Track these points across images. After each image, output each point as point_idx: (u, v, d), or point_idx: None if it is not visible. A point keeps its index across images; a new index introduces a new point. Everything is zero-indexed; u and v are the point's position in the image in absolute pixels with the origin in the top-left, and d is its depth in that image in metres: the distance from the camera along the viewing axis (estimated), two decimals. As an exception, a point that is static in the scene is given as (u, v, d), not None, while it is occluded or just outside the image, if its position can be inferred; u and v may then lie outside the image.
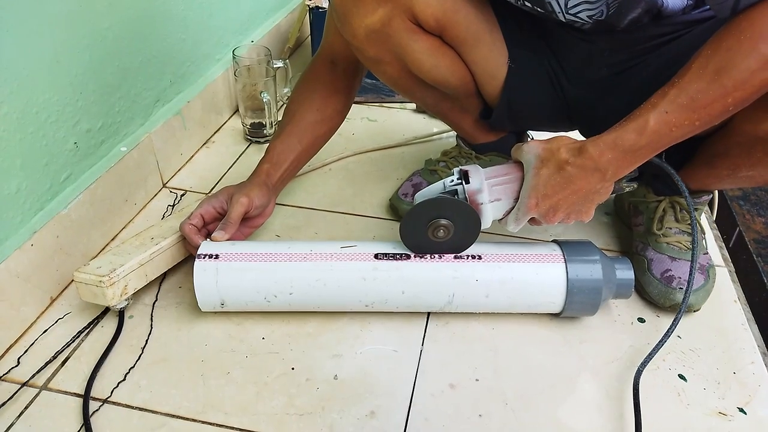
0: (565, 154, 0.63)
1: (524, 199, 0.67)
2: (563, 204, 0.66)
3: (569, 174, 0.63)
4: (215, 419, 0.66)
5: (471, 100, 0.86)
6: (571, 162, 0.63)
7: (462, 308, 0.75)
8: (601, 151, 0.62)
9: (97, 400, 0.68)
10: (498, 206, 0.70)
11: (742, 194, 1.24)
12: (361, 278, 0.72)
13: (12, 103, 0.71)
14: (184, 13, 1.04)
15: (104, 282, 0.71)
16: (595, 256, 0.73)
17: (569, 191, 0.64)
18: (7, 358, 0.72)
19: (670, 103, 0.59)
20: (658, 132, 0.60)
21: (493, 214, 0.70)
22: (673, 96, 0.59)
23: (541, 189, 0.65)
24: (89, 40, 0.82)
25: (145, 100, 0.97)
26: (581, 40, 0.76)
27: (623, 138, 0.61)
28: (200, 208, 0.79)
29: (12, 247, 0.72)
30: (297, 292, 0.73)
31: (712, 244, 0.93)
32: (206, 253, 0.73)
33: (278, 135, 0.86)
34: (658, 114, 0.59)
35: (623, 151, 0.61)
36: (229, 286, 0.72)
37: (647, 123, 0.60)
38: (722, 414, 0.68)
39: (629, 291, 0.75)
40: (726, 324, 0.79)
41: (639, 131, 0.60)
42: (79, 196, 0.82)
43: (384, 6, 0.70)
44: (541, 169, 0.65)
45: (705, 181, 0.80)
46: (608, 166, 0.62)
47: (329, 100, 0.88)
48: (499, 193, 0.69)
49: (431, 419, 0.67)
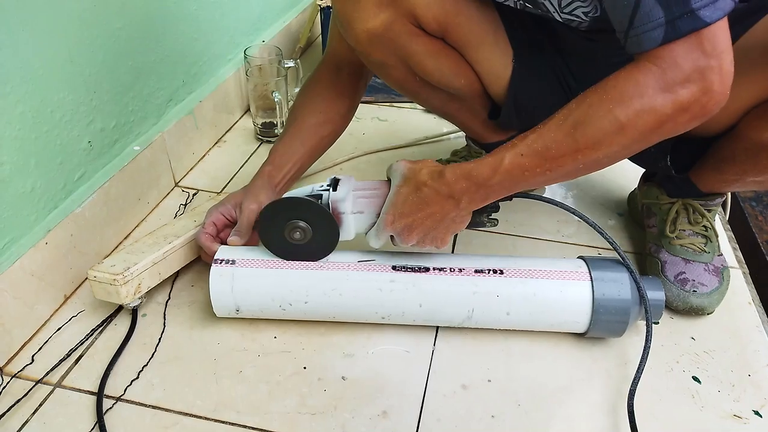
0: (425, 176, 0.64)
1: (383, 215, 0.67)
2: (418, 226, 0.66)
3: (425, 195, 0.64)
4: (228, 418, 0.66)
5: (478, 101, 0.86)
6: (429, 184, 0.63)
7: (482, 324, 0.73)
8: (456, 178, 0.62)
9: (111, 398, 0.68)
10: (360, 219, 0.70)
11: (755, 196, 1.23)
12: (378, 289, 0.71)
13: (27, 103, 0.71)
14: (196, 13, 1.04)
15: (118, 280, 0.72)
16: (623, 275, 0.70)
17: (424, 214, 0.65)
18: (21, 356, 0.73)
19: (527, 147, 0.59)
20: (510, 173, 0.60)
21: (355, 227, 0.71)
22: (531, 141, 0.59)
23: (399, 207, 0.65)
24: (103, 39, 0.82)
25: (157, 99, 0.97)
26: (583, 38, 0.75)
27: (478, 170, 0.61)
28: (211, 216, 0.79)
29: (27, 246, 0.73)
30: (312, 301, 0.72)
31: (726, 245, 0.93)
32: (223, 258, 0.73)
33: (281, 138, 0.86)
34: (513, 155, 0.59)
35: (476, 184, 0.61)
36: (244, 292, 0.72)
37: (502, 161, 0.60)
38: (737, 417, 0.67)
39: (660, 312, 0.71)
40: (740, 326, 0.79)
41: (494, 168, 0.60)
42: (92, 194, 0.83)
43: (385, 10, 0.70)
44: (402, 188, 0.65)
45: (714, 185, 0.79)
46: (462, 195, 0.63)
47: (333, 104, 0.87)
48: (362, 206, 0.70)
49: (443, 420, 0.67)
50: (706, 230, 0.82)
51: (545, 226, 0.95)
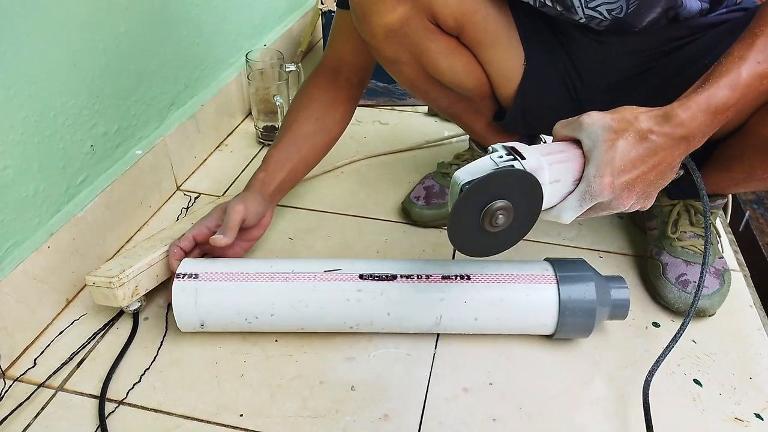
0: (646, 123, 0.55)
1: (595, 178, 0.55)
2: (640, 182, 0.56)
3: (654, 144, 0.55)
4: (229, 421, 0.66)
5: (485, 102, 0.86)
6: (656, 130, 0.55)
7: (451, 330, 0.73)
8: (693, 114, 0.55)
9: (113, 401, 0.68)
10: (556, 189, 0.56)
11: (756, 198, 1.23)
12: (345, 299, 0.70)
13: (30, 107, 0.71)
14: (198, 18, 1.05)
15: (114, 283, 0.72)
16: (588, 276, 0.71)
17: (650, 165, 0.55)
18: (23, 359, 0.73)
19: (761, 53, 0.55)
20: (749, 86, 0.55)
21: (547, 200, 0.57)
22: (763, 45, 0.55)
23: (617, 163, 0.54)
24: (105, 44, 0.82)
25: (160, 103, 0.98)
26: (597, 42, 0.76)
27: (716, 96, 0.55)
28: (193, 230, 0.77)
29: (29, 249, 0.73)
30: (278, 313, 0.71)
31: (727, 248, 0.93)
32: (186, 273, 0.71)
33: (276, 144, 0.85)
34: (750, 65, 0.54)
35: (715, 112, 0.55)
36: (208, 307, 0.70)
37: (740, 76, 0.54)
38: (738, 420, 0.67)
39: (625, 312, 0.73)
40: (742, 329, 0.79)
41: (732, 86, 0.54)
42: (95, 198, 0.83)
43: (404, 5, 0.70)
44: (617, 141, 0.54)
45: (721, 185, 0.79)
46: (698, 131, 0.56)
47: (329, 110, 0.87)
48: (558, 173, 0.56)
49: (445, 423, 0.67)
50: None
51: (546, 229, 0.95)
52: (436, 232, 0.96)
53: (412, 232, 0.95)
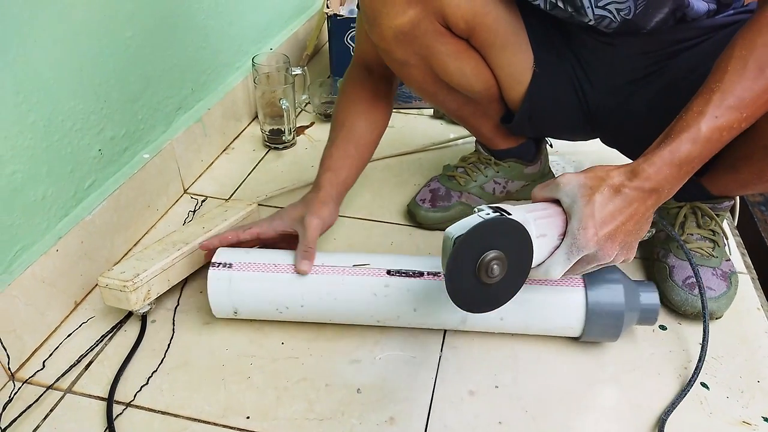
0: (618, 178, 0.59)
1: (579, 231, 0.58)
2: (620, 232, 0.59)
3: (627, 197, 0.59)
4: (236, 423, 0.66)
5: (493, 105, 0.86)
6: (628, 184, 0.59)
7: (476, 328, 0.74)
8: (658, 169, 0.58)
9: (121, 403, 0.69)
10: (543, 244, 0.59)
11: (764, 200, 1.22)
12: (372, 294, 0.71)
13: (39, 112, 0.72)
14: (205, 22, 1.06)
15: (128, 287, 0.73)
16: (616, 279, 0.70)
17: (626, 216, 0.59)
18: (32, 362, 0.74)
19: (718, 108, 0.58)
20: (710, 139, 0.58)
21: (536, 255, 0.59)
22: (719, 100, 0.58)
23: (598, 215, 0.58)
24: (113, 49, 0.83)
25: (166, 107, 0.98)
26: (605, 44, 0.76)
27: (679, 151, 0.58)
28: (258, 227, 0.78)
29: (38, 253, 0.74)
30: (308, 304, 0.73)
31: (735, 250, 0.92)
32: (221, 262, 0.74)
33: (332, 145, 0.85)
34: (708, 120, 0.58)
35: (679, 165, 0.59)
36: (241, 295, 0.73)
37: (699, 131, 0.58)
38: (746, 423, 0.67)
39: (654, 317, 0.72)
40: (749, 331, 0.78)
41: (693, 141, 0.58)
42: (103, 202, 0.83)
43: (414, 7, 0.70)
44: (594, 195, 0.58)
45: (728, 186, 0.79)
46: (665, 183, 0.59)
47: (373, 106, 0.87)
48: (543, 227, 0.59)
49: (450, 426, 0.67)
50: (714, 234, 0.82)
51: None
52: (442, 234, 0.95)
53: (418, 235, 0.96)
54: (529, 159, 0.97)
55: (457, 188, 0.96)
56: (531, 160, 0.98)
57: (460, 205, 0.95)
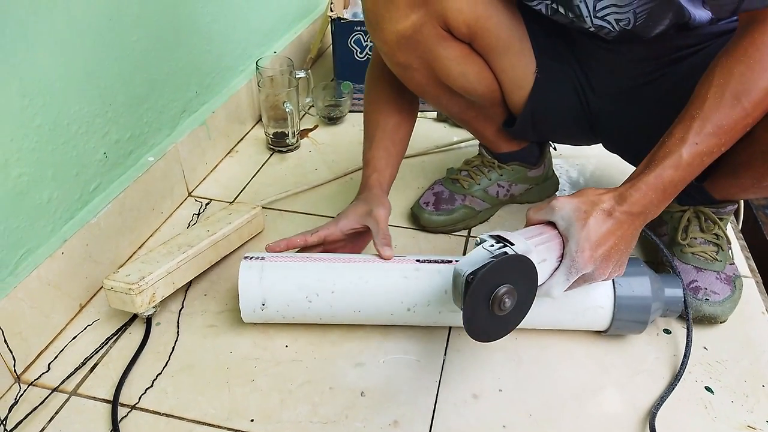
0: (608, 203, 0.63)
1: (577, 253, 0.62)
2: (614, 252, 0.63)
3: (618, 219, 0.62)
4: (240, 426, 0.67)
5: (495, 109, 0.87)
6: (617, 209, 0.62)
7: None
8: (643, 194, 0.62)
9: (126, 406, 0.69)
10: (543, 268, 0.63)
11: (768, 203, 1.22)
12: (404, 277, 0.72)
13: (45, 115, 0.73)
14: (209, 26, 1.06)
15: (133, 289, 0.73)
16: (643, 271, 0.72)
17: (618, 237, 0.63)
18: (37, 364, 0.74)
19: (697, 135, 0.61)
20: (691, 164, 0.61)
21: (540, 276, 0.63)
22: (698, 128, 0.61)
23: (593, 238, 0.62)
24: (118, 52, 0.84)
25: (171, 110, 0.99)
26: (606, 50, 0.76)
27: (663, 176, 0.62)
28: (325, 230, 0.79)
29: (43, 255, 0.74)
30: (338, 290, 0.72)
31: (738, 254, 0.92)
32: (253, 255, 0.75)
33: (371, 144, 0.86)
34: (689, 147, 0.61)
35: (663, 189, 0.62)
36: (272, 282, 0.72)
37: (681, 157, 0.61)
38: (751, 428, 0.67)
39: (679, 308, 0.74)
40: (753, 336, 0.78)
41: (675, 167, 0.61)
42: (107, 205, 0.84)
43: (416, 12, 0.71)
44: (588, 219, 0.62)
45: (730, 191, 0.79)
46: (651, 206, 0.63)
47: (401, 101, 0.88)
48: (543, 253, 0.63)
49: (454, 429, 0.67)
50: (718, 238, 0.82)
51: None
52: (445, 237, 0.96)
53: (422, 238, 0.96)
54: (533, 162, 0.98)
55: (460, 191, 0.96)
56: (534, 163, 0.98)
57: (463, 208, 0.95)
